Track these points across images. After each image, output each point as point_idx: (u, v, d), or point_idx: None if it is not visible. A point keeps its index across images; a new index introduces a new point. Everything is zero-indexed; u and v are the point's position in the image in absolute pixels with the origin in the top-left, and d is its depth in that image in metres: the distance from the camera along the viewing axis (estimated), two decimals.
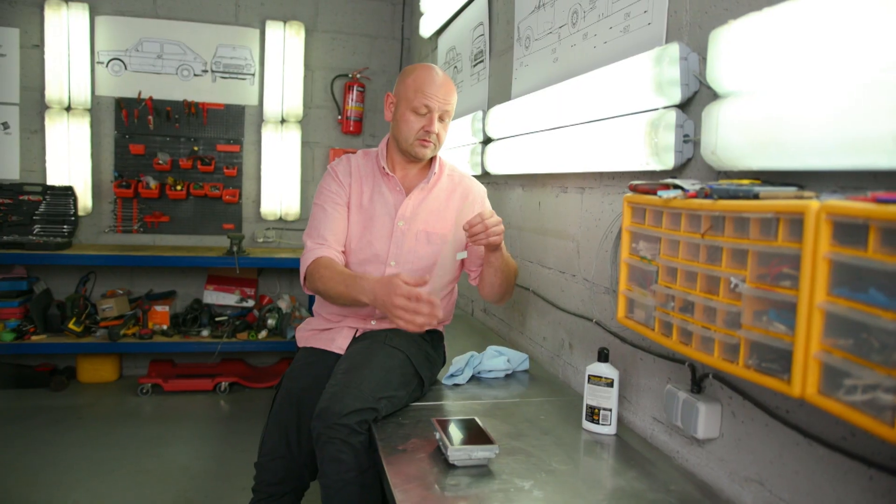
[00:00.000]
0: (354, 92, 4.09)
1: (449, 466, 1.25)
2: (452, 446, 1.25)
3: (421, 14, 3.60)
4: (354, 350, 1.66)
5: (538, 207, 2.11)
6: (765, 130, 0.98)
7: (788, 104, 0.94)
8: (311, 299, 3.88)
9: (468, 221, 1.59)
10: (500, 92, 2.44)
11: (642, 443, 1.44)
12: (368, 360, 1.57)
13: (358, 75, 4.11)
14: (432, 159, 1.82)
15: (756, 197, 0.93)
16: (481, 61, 2.69)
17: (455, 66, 3.07)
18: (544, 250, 2.05)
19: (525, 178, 2.23)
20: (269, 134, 4.04)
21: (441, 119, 1.72)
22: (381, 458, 1.31)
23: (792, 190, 0.93)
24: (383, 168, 1.78)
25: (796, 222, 0.84)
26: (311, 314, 3.87)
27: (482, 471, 1.25)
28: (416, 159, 1.77)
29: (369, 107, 4.22)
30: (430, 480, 1.21)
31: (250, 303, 3.98)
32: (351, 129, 4.13)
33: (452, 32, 3.16)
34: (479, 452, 1.25)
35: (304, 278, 1.71)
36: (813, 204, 0.81)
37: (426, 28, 3.50)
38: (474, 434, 1.31)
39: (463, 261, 1.81)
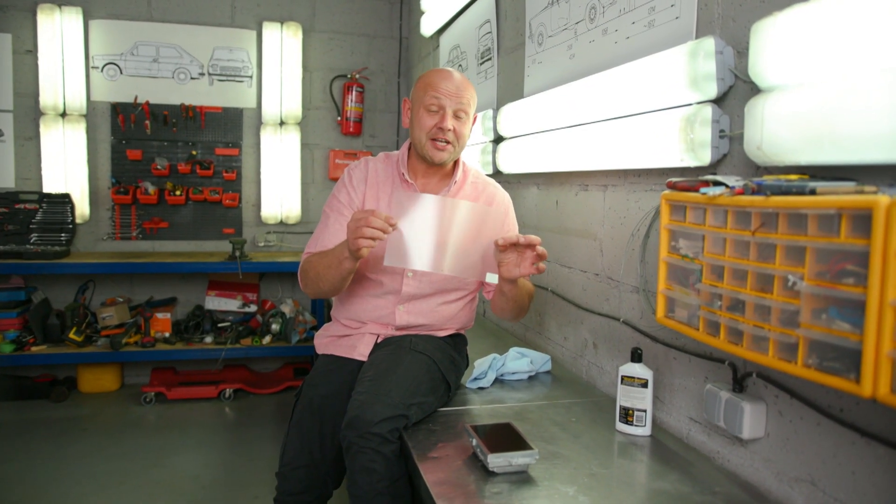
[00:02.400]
0: (353, 92, 4.05)
1: (488, 474, 1.23)
2: (491, 453, 1.22)
3: (421, 13, 3.56)
4: (379, 356, 1.62)
5: (556, 206, 2.08)
6: (817, 124, 0.96)
7: (843, 97, 0.92)
8: (319, 303, 3.84)
9: (504, 238, 1.44)
10: (511, 90, 2.41)
11: (679, 443, 1.41)
12: (395, 366, 1.53)
13: (357, 75, 4.07)
14: (455, 166, 1.75)
15: (813, 192, 0.90)
16: (489, 59, 2.66)
17: (460, 65, 3.04)
18: (563, 249, 2.02)
19: (541, 176, 2.20)
20: (267, 136, 3.98)
21: (457, 117, 1.64)
22: (418, 467, 1.27)
23: (850, 185, 0.91)
24: (403, 174, 1.71)
25: (861, 218, 0.82)
26: (315, 317, 3.86)
27: (523, 477, 1.22)
28: (433, 164, 1.69)
29: (369, 107, 4.18)
30: (472, 489, 1.18)
31: (253, 308, 3.93)
32: (351, 129, 4.09)
33: (456, 31, 3.12)
34: (519, 459, 1.22)
35: (301, 282, 1.70)
36: (882, 199, 0.78)
37: (427, 27, 3.46)
38: (511, 439, 1.28)
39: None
